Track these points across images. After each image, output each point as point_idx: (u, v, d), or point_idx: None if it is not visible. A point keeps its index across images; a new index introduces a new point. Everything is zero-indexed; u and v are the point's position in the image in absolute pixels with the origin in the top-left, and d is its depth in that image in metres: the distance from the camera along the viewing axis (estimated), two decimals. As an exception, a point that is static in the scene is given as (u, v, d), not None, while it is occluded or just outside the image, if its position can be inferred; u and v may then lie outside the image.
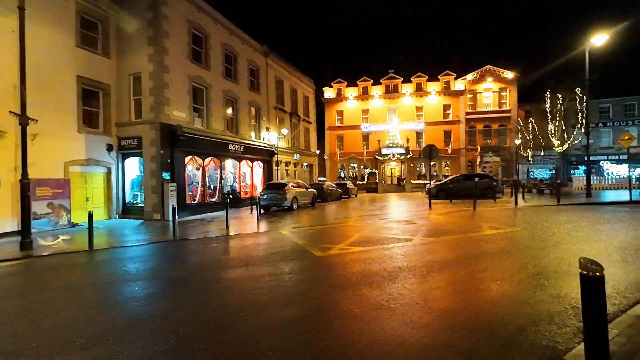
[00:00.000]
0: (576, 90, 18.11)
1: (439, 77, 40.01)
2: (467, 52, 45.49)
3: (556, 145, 23.81)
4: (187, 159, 15.32)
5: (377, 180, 40.30)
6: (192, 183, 16.16)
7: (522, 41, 57.42)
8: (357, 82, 41.88)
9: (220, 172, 17.86)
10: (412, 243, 7.04)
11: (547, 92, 24.68)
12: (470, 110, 39.92)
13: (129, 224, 13.10)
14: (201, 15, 16.34)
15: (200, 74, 16.26)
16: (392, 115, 41.47)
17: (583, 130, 18.26)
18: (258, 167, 21.67)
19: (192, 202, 15.84)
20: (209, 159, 16.82)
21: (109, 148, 14.14)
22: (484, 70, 39.31)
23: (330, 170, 43.41)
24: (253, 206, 16.71)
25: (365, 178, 40.96)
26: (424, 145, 41.70)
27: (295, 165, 27.25)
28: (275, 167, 23.52)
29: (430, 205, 14.90)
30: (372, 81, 41.51)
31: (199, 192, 16.29)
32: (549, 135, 24.04)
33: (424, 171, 40.59)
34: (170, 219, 13.66)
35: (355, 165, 42.79)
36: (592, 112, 37.65)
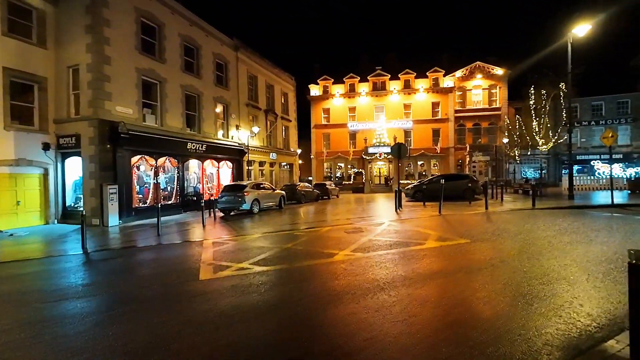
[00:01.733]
0: (560, 85, 16.90)
1: (427, 73, 38.82)
2: (457, 48, 44.45)
3: (540, 144, 22.64)
4: (135, 158, 14.14)
5: (363, 181, 39.24)
6: (144, 185, 15.00)
7: (513, 36, 56.25)
8: (344, 79, 40.66)
9: (179, 173, 16.69)
10: (331, 260, 5.89)
11: (531, 88, 23.51)
12: (460, 108, 38.75)
13: (62, 230, 11.95)
14: (153, 4, 15.14)
15: (152, 67, 15.07)
16: (379, 114, 40.30)
17: (570, 127, 17.04)
18: (226, 167, 20.50)
19: (142, 205, 14.67)
20: (163, 158, 15.64)
21: (46, 147, 12.96)
22: (473, 67, 38.13)
23: (317, 169, 42.26)
24: (217, 209, 15.62)
25: (352, 178, 39.84)
26: (412, 144, 40.83)
27: (271, 165, 26.08)
28: (247, 167, 22.37)
29: (397, 209, 13.76)
30: (359, 78, 40.31)
31: (150, 195, 15.11)
32: (534, 134, 22.86)
33: (413, 171, 39.50)
34: (110, 224, 12.53)
35: (342, 164, 41.64)
36: (585, 110, 36.58)
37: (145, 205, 14.82)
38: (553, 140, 21.99)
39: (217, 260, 6.28)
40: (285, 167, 28.98)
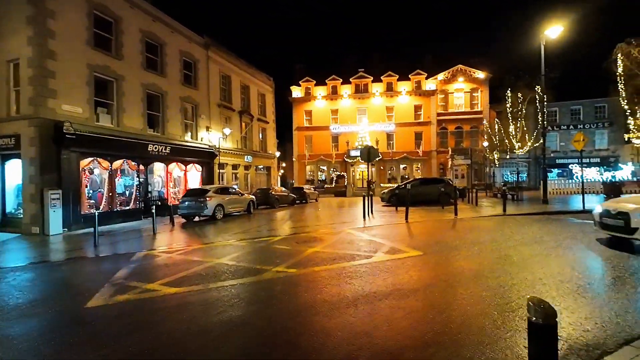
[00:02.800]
0: (536, 88, 16.63)
1: (409, 76, 38.61)
2: (439, 51, 44.19)
3: (517, 147, 22.43)
4: (85, 161, 13.12)
5: (345, 184, 38.64)
6: (98, 189, 13.96)
7: (494, 39, 56.76)
8: (326, 80, 40.11)
9: (139, 177, 15.69)
10: (256, 280, 5.14)
11: (508, 91, 23.32)
12: (442, 111, 38.64)
13: (-5, 239, 10.85)
14: (108, -4, 14.21)
15: (107, 64, 14.11)
16: (362, 116, 39.87)
17: (544, 131, 16.76)
18: (195, 171, 19.55)
19: (94, 211, 13.60)
20: (120, 161, 14.63)
21: (-18, 148, 11.86)
22: (455, 70, 38.10)
23: (299, 172, 41.51)
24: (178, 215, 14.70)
25: (334, 181, 39.22)
26: (394, 147, 40.48)
27: (246, 168, 25.19)
28: (219, 170, 21.46)
29: (368, 215, 13.10)
30: (341, 80, 39.83)
31: (104, 200, 14.09)
32: (511, 137, 22.65)
33: (400, 174, 39.10)
34: (52, 232, 11.50)
35: (325, 167, 41.01)
36: (564, 114, 36.89)
37: (98, 211, 13.75)
38: (529, 144, 21.74)
39: (129, 278, 5.45)
40: (262, 170, 28.13)
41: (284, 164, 50.42)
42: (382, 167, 39.14)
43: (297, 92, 41.03)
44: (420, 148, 38.35)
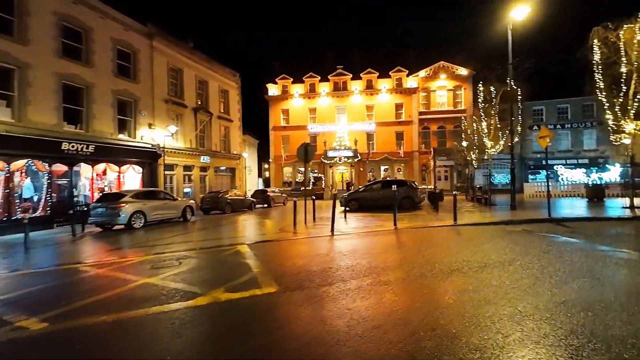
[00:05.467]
0: (507, 80, 14.81)
1: (390, 73, 36.81)
2: (421, 46, 42.20)
3: (489, 146, 20.60)
4: (-31, 161, 11.24)
5: (323, 186, 36.79)
6: (-7, 194, 12.06)
7: (476, 33, 54.91)
8: (304, 78, 38.29)
9: (50, 179, 13.78)
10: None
11: (480, 85, 21.52)
12: (424, 110, 36.85)
13: None
14: (7, -29, 12.35)
15: (7, 50, 12.24)
16: (341, 115, 38.07)
17: (512, 128, 14.94)
18: (133, 173, 17.64)
19: (-16, 219, 11.72)
20: (22, 161, 12.72)
21: None
22: (437, 67, 36.33)
23: (276, 174, 39.65)
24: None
25: (311, 183, 37.34)
26: (375, 148, 38.63)
27: (203, 169, 23.28)
28: (165, 172, 19.55)
29: (304, 225, 11.23)
30: (319, 78, 38.01)
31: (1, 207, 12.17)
32: (483, 135, 20.83)
33: (381, 176, 37.20)
34: None
35: (303, 168, 39.07)
36: (551, 113, 35.16)
37: (-9, 219, 11.87)
38: (501, 143, 19.92)
39: None
40: (225, 172, 26.21)
41: (266, 166, 48.61)
42: (362, 169, 37.28)
43: (273, 90, 39.20)
44: (402, 148, 36.54)
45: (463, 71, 35.47)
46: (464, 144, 26.80)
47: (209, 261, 6.43)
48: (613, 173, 27.14)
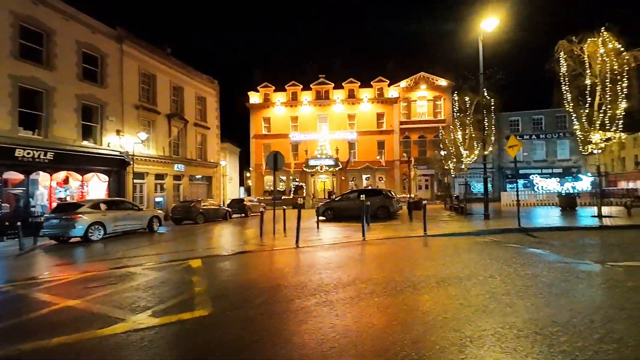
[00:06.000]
0: (482, 90, 14.95)
1: (371, 83, 37.14)
2: (402, 57, 42.95)
3: (464, 156, 20.78)
4: None
5: (304, 195, 36.31)
6: None
7: (456, 44, 56.65)
8: (286, 87, 38.15)
9: (11, 188, 12.85)
10: None
11: (455, 94, 21.81)
12: (405, 120, 37.23)
13: None
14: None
15: (-46, 49, 11.44)
16: (322, 124, 37.99)
17: (485, 137, 15.02)
18: (99, 181, 16.78)
19: None
20: (-32, 169, 11.81)
21: None
22: (417, 77, 36.92)
23: (256, 183, 38.99)
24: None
25: (292, 192, 36.83)
26: (356, 157, 38.58)
27: (177, 178, 22.48)
28: (135, 181, 18.70)
29: (262, 235, 10.76)
30: (301, 86, 37.94)
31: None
32: (459, 145, 21.01)
33: (363, 184, 37.03)
34: None
35: (284, 177, 38.60)
36: (526, 123, 36.13)
37: None
38: (476, 152, 20.11)
39: None
40: (201, 180, 25.45)
41: (248, 174, 47.83)
42: (343, 178, 37.09)
43: (255, 98, 38.85)
44: (383, 157, 36.62)
45: (442, 82, 36.13)
46: (443, 153, 27.05)
47: (152, 279, 5.88)
48: (585, 182, 27.87)
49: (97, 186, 16.73)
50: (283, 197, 36.61)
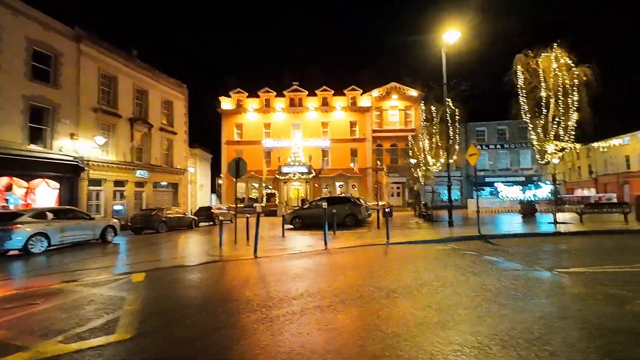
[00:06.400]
0: (447, 100, 15.34)
1: (345, 91, 37.49)
2: (375, 67, 44.10)
3: (431, 164, 21.29)
4: None
5: (277, 202, 35.74)
6: None
7: (423, 56, 59.01)
8: (259, 93, 37.72)
9: None
10: None
11: (421, 104, 22.41)
12: (377, 128, 37.79)
13: None
14: None
15: None
16: (296, 131, 37.74)
17: (449, 146, 15.38)
18: (47, 188, 15.54)
19: None
20: None
21: None
22: (389, 87, 37.72)
23: (227, 190, 37.94)
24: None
25: (264, 199, 36.18)
26: (330, 164, 38.63)
27: (139, 184, 21.36)
28: (90, 188, 17.52)
29: (221, 245, 10.28)
30: (275, 93, 37.66)
31: None
32: (426, 153, 21.52)
33: (336, 192, 36.93)
34: None
35: (257, 184, 37.87)
36: (491, 133, 37.71)
37: None
38: (442, 160, 20.65)
39: None
40: (167, 187, 24.36)
41: (220, 181, 46.54)
42: (316, 185, 36.92)
43: (227, 103, 38.10)
44: (356, 165, 36.83)
45: (413, 92, 37.11)
46: (413, 161, 27.58)
47: (81, 297, 5.29)
48: (544, 190, 29.33)
49: (46, 193, 15.48)
50: (255, 205, 35.86)
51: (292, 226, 16.64)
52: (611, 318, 3.50)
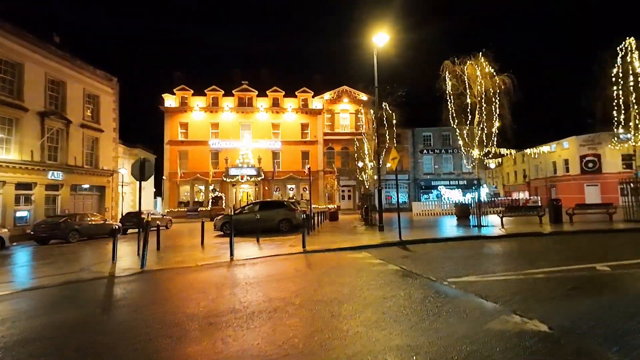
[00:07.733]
0: (384, 105, 15.30)
1: (296, 93, 36.94)
2: (327, 71, 44.35)
3: (369, 167, 21.41)
4: None
5: (223, 206, 34.13)
6: None
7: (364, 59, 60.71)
8: (206, 91, 35.87)
9: None
10: None
11: (361, 108, 22.50)
12: (329, 131, 37.70)
13: None
14: None
15: None
16: (245, 132, 36.47)
17: (379, 150, 15.28)
18: None
19: None
20: None
21: None
22: (340, 91, 37.84)
23: (170, 193, 35.50)
24: None
25: (210, 203, 34.38)
26: (281, 167, 37.77)
27: (53, 187, 18.88)
28: (-18, 191, 15.02)
29: (139, 253, 9.05)
30: (223, 92, 36.06)
31: None
32: (364, 157, 21.60)
33: (287, 195, 36.03)
34: None
35: (203, 187, 35.87)
36: (436, 139, 39.24)
37: None
38: (379, 166, 20.82)
39: None
40: (90, 191, 21.92)
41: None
42: (267, 188, 35.86)
43: (170, 100, 35.75)
44: (307, 167, 36.30)
45: (364, 96, 37.53)
46: (360, 164, 27.68)
47: None
48: (483, 193, 30.99)
49: None
50: (200, 209, 33.88)
51: (222, 232, 15.56)
52: (460, 339, 3.10)
